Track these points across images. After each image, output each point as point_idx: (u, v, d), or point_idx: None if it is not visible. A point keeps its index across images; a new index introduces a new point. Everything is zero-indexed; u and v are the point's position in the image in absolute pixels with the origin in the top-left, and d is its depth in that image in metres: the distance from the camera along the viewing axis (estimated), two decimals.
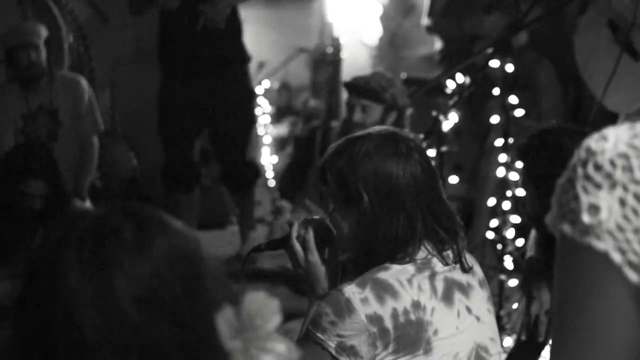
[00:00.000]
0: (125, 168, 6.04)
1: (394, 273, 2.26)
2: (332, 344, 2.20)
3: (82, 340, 1.17)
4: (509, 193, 5.03)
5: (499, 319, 4.53)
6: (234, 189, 6.13)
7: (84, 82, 5.35)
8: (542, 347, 3.27)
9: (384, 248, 2.28)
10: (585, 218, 1.08)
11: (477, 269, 2.43)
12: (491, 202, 5.25)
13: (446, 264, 2.33)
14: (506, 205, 5.04)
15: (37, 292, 1.22)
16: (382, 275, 2.25)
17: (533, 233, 3.44)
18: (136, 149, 6.24)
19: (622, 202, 1.08)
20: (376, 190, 2.28)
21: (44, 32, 5.14)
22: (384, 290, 2.22)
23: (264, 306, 1.19)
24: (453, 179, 5.07)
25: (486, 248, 5.24)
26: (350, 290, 2.22)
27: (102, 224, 1.24)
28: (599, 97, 4.12)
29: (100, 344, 1.17)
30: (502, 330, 4.57)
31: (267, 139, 7.64)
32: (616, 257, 1.07)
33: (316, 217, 2.53)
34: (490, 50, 4.57)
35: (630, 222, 1.07)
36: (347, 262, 2.42)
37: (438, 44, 6.64)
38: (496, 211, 5.16)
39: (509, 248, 4.93)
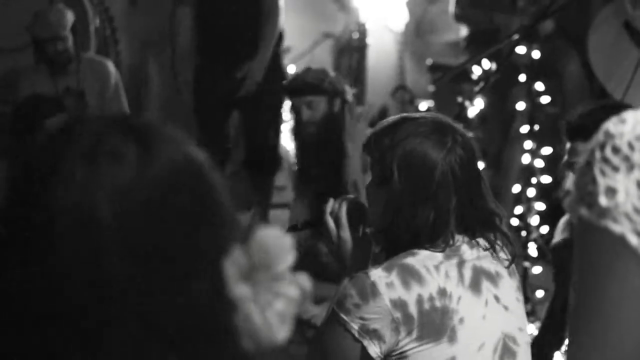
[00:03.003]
0: None
1: (422, 259, 2.22)
2: (355, 326, 2.18)
3: (62, 270, 1.01)
4: (533, 180, 5.03)
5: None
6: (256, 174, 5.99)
7: (110, 65, 5.37)
8: (564, 326, 3.28)
9: (406, 236, 2.25)
10: (602, 201, 1.08)
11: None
12: (516, 189, 5.24)
13: (476, 252, 2.28)
14: (531, 192, 5.03)
15: (23, 199, 1.05)
16: (410, 260, 2.21)
17: (564, 218, 3.41)
18: None
19: None
20: (408, 173, 2.24)
21: (70, 19, 5.12)
22: (410, 276, 2.18)
23: (276, 242, 1.06)
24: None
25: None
26: (377, 274, 2.18)
27: (100, 143, 1.06)
28: (619, 98, 4.10)
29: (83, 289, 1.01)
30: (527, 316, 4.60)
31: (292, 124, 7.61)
32: (633, 239, 1.07)
33: (352, 195, 2.53)
34: (516, 37, 4.55)
35: None
36: (376, 241, 2.38)
37: (464, 30, 6.62)
38: (521, 198, 5.16)
39: (533, 235, 4.93)
